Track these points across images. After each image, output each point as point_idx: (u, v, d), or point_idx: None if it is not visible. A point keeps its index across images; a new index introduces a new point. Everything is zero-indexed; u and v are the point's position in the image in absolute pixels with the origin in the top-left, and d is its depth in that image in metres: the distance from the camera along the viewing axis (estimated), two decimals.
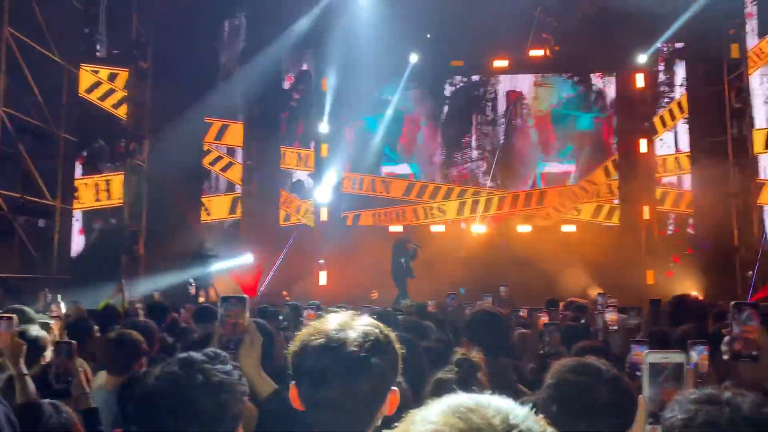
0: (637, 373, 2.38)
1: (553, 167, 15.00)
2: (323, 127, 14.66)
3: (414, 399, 2.22)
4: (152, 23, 12.67)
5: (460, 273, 12.32)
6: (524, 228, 14.50)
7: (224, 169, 13.92)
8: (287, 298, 11.43)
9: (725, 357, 2.07)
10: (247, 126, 14.04)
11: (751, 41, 12.76)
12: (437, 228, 14.78)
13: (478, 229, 14.45)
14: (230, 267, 12.48)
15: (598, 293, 8.33)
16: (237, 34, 14.13)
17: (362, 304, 7.00)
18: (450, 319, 6.04)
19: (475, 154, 15.20)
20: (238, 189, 14.03)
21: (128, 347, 3.44)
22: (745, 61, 12.94)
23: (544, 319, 5.15)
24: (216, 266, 11.86)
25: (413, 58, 14.30)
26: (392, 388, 1.47)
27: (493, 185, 15.06)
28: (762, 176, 12.74)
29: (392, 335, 1.51)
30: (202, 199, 13.66)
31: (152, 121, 12.68)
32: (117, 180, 12.14)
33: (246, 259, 13.06)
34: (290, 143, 14.78)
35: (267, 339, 2.29)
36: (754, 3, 12.67)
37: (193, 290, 10.94)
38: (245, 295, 2.28)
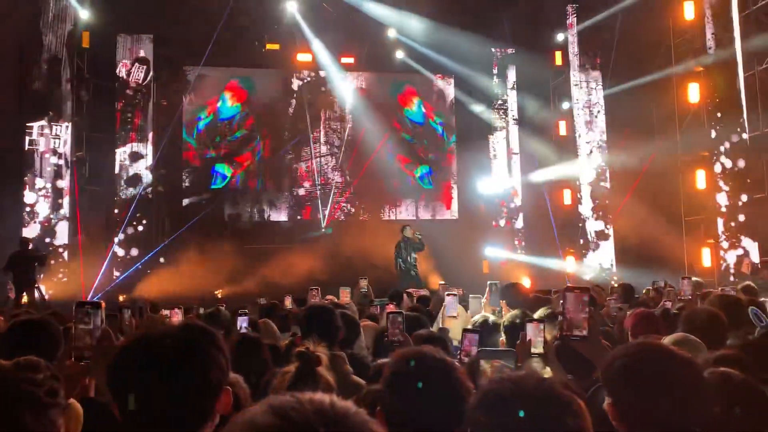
0: (465, 360, 2.51)
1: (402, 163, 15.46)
2: (164, 117, 13.86)
3: (254, 397, 2.17)
4: None
5: (321, 267, 12.30)
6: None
7: (51, 161, 12.67)
8: (123, 300, 10.75)
9: (557, 336, 2.24)
10: (76, 112, 12.89)
11: (573, 49, 14.01)
12: (281, 218, 14.67)
13: None
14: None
15: (440, 283, 8.76)
16: (64, 16, 12.89)
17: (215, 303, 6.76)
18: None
19: (324, 149, 15.24)
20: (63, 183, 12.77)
21: None
22: (567, 68, 14.19)
23: (391, 308, 5.29)
24: (41, 266, 10.82)
25: (262, 47, 14.02)
26: (225, 387, 1.40)
27: (341, 181, 15.20)
28: (581, 175, 14.06)
29: (218, 335, 1.43)
30: (24, 193, 12.39)
31: None
32: None
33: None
34: (126, 134, 13.78)
35: None
36: (574, 14, 13.92)
37: (12, 294, 9.88)
38: (100, 301, 2.09)
